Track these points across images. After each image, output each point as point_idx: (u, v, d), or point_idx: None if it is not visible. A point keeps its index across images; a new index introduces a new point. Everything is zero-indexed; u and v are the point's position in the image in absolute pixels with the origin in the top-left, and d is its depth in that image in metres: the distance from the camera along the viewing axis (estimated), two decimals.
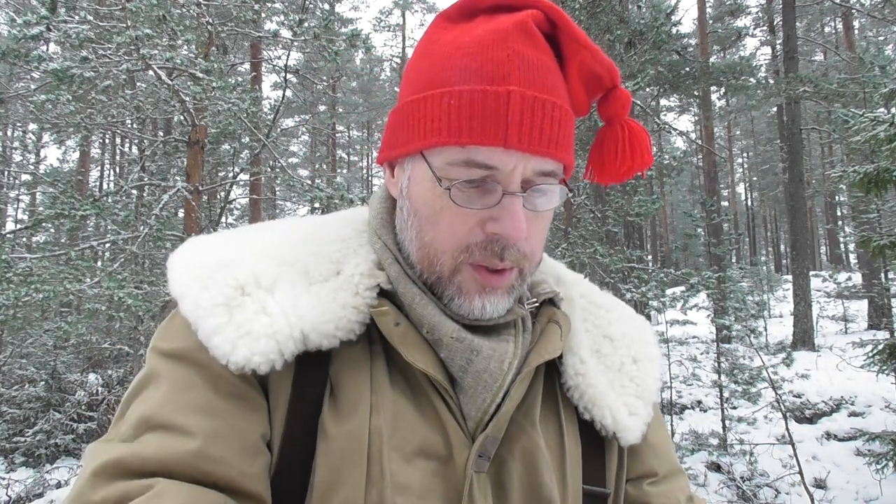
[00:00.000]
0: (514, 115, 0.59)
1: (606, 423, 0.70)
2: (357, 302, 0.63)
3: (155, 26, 5.35)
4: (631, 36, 10.04)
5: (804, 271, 13.11)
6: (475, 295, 0.64)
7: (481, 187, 0.62)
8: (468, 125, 0.60)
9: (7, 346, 9.31)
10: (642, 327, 0.82)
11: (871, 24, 23.25)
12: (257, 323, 0.59)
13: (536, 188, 0.63)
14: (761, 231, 41.23)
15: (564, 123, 0.63)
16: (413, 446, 0.62)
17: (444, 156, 0.62)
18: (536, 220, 0.66)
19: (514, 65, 0.61)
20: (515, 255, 0.63)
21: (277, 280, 0.63)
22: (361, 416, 0.61)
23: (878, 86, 6.47)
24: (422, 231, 0.65)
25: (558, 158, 0.63)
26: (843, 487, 7.31)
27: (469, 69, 0.62)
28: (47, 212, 5.53)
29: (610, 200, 7.84)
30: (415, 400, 0.64)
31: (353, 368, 0.64)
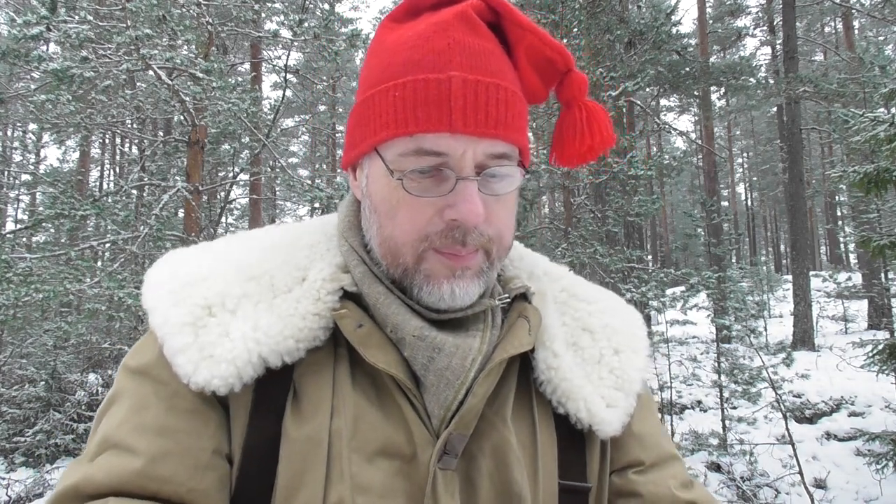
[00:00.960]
0: (457, 99, 0.60)
1: (581, 417, 0.69)
2: (319, 308, 0.64)
3: (155, 26, 5.35)
4: (631, 36, 10.03)
5: (804, 271, 13.11)
6: (443, 280, 0.64)
7: (436, 176, 0.62)
8: (413, 114, 0.61)
9: (7, 346, 9.31)
10: (628, 318, 0.81)
11: (871, 24, 23.25)
12: (220, 347, 0.61)
13: (491, 171, 0.63)
14: (761, 231, 41.23)
15: (512, 105, 0.64)
16: (375, 446, 0.62)
17: (395, 148, 0.63)
18: (498, 204, 0.66)
19: (455, 52, 0.62)
20: (479, 240, 0.64)
21: (242, 300, 0.65)
22: (321, 419, 0.62)
23: (878, 86, 6.47)
24: (382, 227, 0.66)
25: (508, 140, 0.63)
26: (843, 487, 7.31)
27: (412, 61, 0.63)
28: (47, 212, 5.53)
29: (610, 200, 7.84)
30: (378, 400, 0.65)
31: (316, 372, 0.64)
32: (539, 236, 10.62)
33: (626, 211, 7.77)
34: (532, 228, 10.71)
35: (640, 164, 6.93)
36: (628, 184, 7.88)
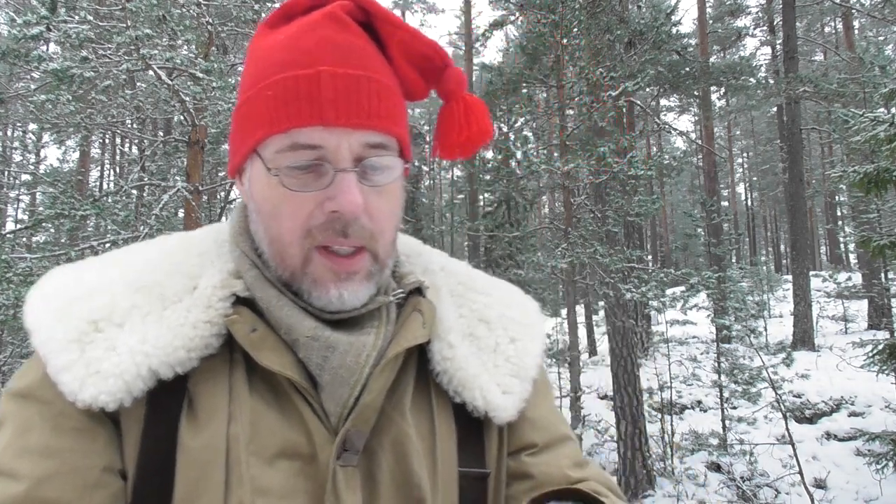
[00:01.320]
0: (327, 92, 0.62)
1: (478, 405, 0.71)
2: (210, 315, 0.64)
3: (155, 26, 5.35)
4: (631, 36, 10.03)
5: (804, 271, 13.12)
6: (330, 284, 0.65)
7: (314, 171, 0.63)
8: (286, 111, 0.62)
9: (7, 346, 9.31)
10: (524, 308, 0.82)
11: (871, 24, 23.25)
12: (107, 362, 0.60)
13: (368, 162, 0.64)
14: (761, 231, 41.22)
15: (385, 97, 0.65)
16: (274, 449, 0.62)
17: (272, 146, 0.64)
18: (380, 198, 0.66)
19: (323, 49, 0.64)
20: (360, 232, 0.64)
21: (130, 312, 0.64)
22: (218, 426, 0.62)
23: (878, 86, 6.47)
24: (268, 228, 0.66)
25: (383, 130, 0.65)
26: (843, 487, 7.31)
27: (282, 61, 0.65)
28: (47, 212, 5.53)
29: (610, 200, 7.84)
30: (276, 403, 0.65)
31: (211, 380, 0.64)
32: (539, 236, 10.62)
33: (626, 211, 7.77)
34: (532, 228, 10.71)
35: (640, 164, 6.93)
36: (628, 184, 7.88)
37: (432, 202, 33.24)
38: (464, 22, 22.93)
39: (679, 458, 8.13)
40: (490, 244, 10.49)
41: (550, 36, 7.51)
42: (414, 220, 24.88)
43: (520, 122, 9.37)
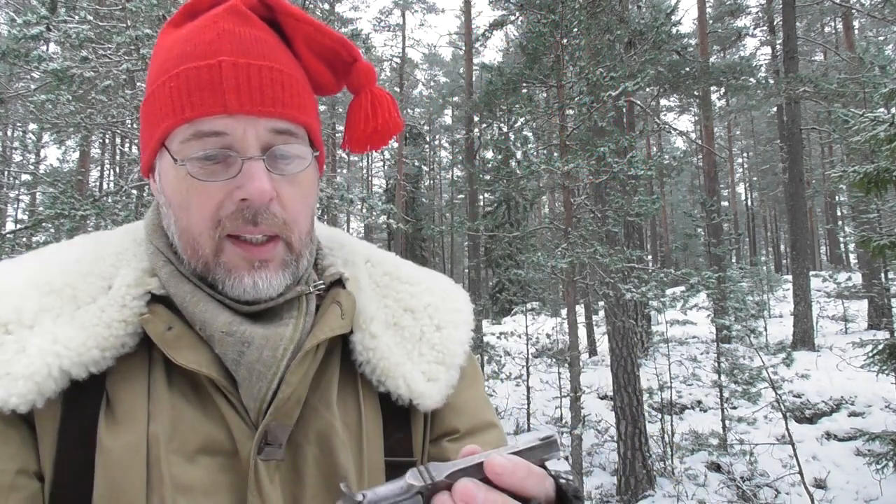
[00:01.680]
0: (229, 80, 0.62)
1: (401, 393, 0.71)
2: (124, 314, 0.63)
3: (155, 26, 5.35)
4: (631, 36, 10.03)
5: (804, 271, 13.12)
6: (244, 273, 0.65)
7: (222, 161, 0.63)
8: (189, 100, 0.63)
9: None
10: (451, 296, 0.83)
11: (871, 24, 23.25)
12: (17, 364, 0.59)
13: (277, 150, 0.65)
14: (761, 231, 41.22)
15: (289, 86, 0.66)
16: (194, 446, 0.62)
17: (178, 137, 0.64)
18: (291, 187, 0.66)
19: (224, 40, 0.64)
20: (271, 220, 0.64)
21: (40, 314, 0.63)
22: (138, 426, 0.61)
23: (878, 86, 6.47)
24: (179, 220, 0.66)
25: (288, 118, 0.65)
26: (843, 487, 7.31)
27: (184, 53, 0.65)
28: (47, 212, 5.53)
29: (610, 200, 7.83)
30: (197, 399, 0.64)
31: (129, 379, 0.64)
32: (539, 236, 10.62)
33: (626, 211, 7.76)
34: (532, 228, 10.71)
35: (640, 164, 6.93)
36: (628, 184, 7.87)
37: (432, 202, 33.23)
38: (464, 22, 22.93)
39: (679, 458, 8.13)
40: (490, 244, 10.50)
41: (550, 36, 7.51)
42: (414, 220, 24.87)
43: (520, 122, 9.37)
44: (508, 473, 0.48)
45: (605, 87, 6.80)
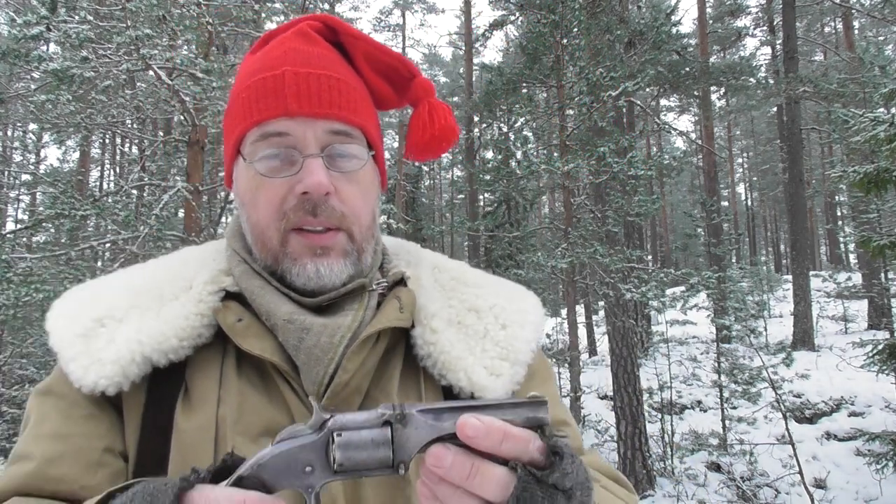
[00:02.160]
0: (290, 87, 0.70)
1: (462, 385, 0.73)
2: (200, 308, 0.71)
3: (155, 26, 5.34)
4: (631, 36, 10.03)
5: (804, 271, 13.11)
6: (307, 260, 0.71)
7: (286, 159, 0.71)
8: (256, 106, 0.71)
9: (7, 346, 9.30)
10: (517, 298, 0.86)
11: (871, 24, 23.24)
12: (106, 351, 0.67)
13: (335, 149, 0.72)
14: (761, 231, 41.21)
15: (346, 92, 0.73)
16: (258, 428, 0.67)
17: (248, 140, 0.73)
18: (350, 184, 0.73)
19: (289, 56, 0.73)
20: (329, 212, 0.71)
21: (130, 310, 0.72)
22: (209, 409, 0.68)
23: (878, 86, 6.47)
24: (250, 217, 0.74)
25: (344, 120, 0.72)
26: (843, 487, 7.31)
27: (254, 69, 0.75)
28: (47, 212, 5.53)
29: (610, 200, 7.83)
30: (263, 386, 0.70)
31: (205, 368, 0.71)
32: (539, 236, 10.61)
33: (626, 211, 7.76)
34: (532, 228, 10.71)
35: (640, 164, 6.93)
36: (628, 184, 7.87)
37: (432, 202, 33.22)
38: (464, 22, 22.92)
39: (679, 458, 8.13)
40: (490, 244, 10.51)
41: (550, 36, 7.51)
42: (414, 220, 24.86)
43: (520, 122, 9.37)
44: (481, 437, 0.48)
45: (605, 87, 6.80)
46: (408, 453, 0.52)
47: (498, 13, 15.16)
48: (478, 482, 0.48)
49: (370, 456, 0.52)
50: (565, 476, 0.49)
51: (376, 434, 0.52)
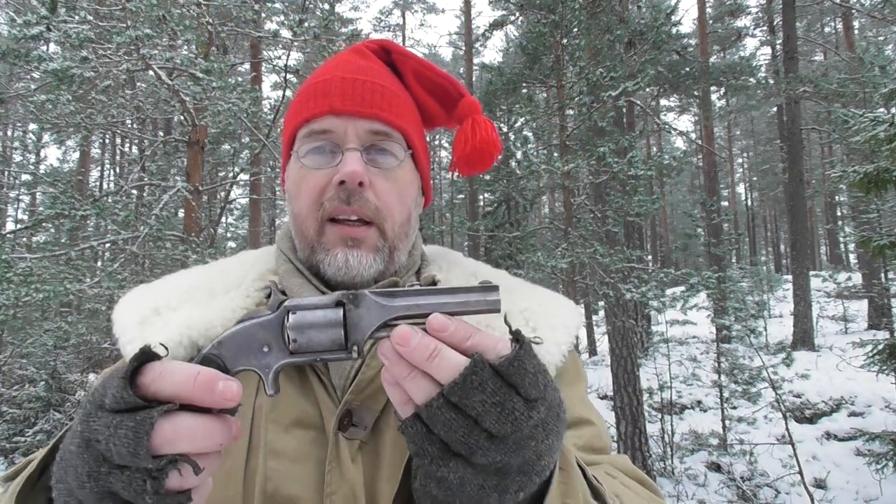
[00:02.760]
0: (337, 88, 0.77)
1: None
2: (246, 303, 0.77)
3: (155, 26, 5.34)
4: (631, 36, 10.03)
5: (804, 271, 13.11)
6: (339, 249, 0.75)
7: (329, 153, 0.77)
8: (306, 106, 0.79)
9: (7, 346, 9.30)
10: (550, 303, 0.87)
11: (871, 24, 23.24)
12: (158, 336, 0.71)
13: (374, 146, 0.77)
14: (761, 231, 41.19)
15: (388, 96, 0.79)
16: (291, 418, 0.71)
17: (298, 139, 0.80)
18: (386, 181, 0.78)
19: (340, 66, 0.81)
20: (363, 203, 0.75)
21: (184, 301, 0.78)
22: (247, 398, 0.71)
23: (878, 86, 6.47)
24: (294, 208, 0.80)
25: (385, 120, 0.77)
26: (843, 487, 7.30)
27: (310, 80, 0.82)
28: (47, 212, 5.52)
29: (610, 200, 7.83)
30: (298, 379, 0.75)
31: None
32: (539, 236, 10.61)
33: (626, 211, 7.76)
34: (532, 228, 10.70)
35: (640, 164, 6.93)
36: (628, 184, 7.87)
37: (432, 202, 33.21)
38: (464, 22, 22.91)
39: (679, 458, 8.12)
40: (490, 244, 10.50)
41: (550, 36, 7.51)
42: None
43: (520, 122, 9.36)
44: (449, 331, 0.49)
45: (605, 87, 6.79)
46: (361, 334, 0.53)
47: (498, 13, 15.15)
48: (436, 363, 0.49)
49: (323, 335, 0.52)
50: (523, 373, 0.49)
51: (329, 314, 0.53)
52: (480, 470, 0.50)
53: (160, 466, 0.46)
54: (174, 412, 0.47)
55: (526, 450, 0.50)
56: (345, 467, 0.68)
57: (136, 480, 0.46)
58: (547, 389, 0.51)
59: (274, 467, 0.68)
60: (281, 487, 0.68)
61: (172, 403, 0.47)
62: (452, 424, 0.48)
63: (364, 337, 0.53)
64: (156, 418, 0.46)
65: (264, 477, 0.68)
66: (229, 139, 8.89)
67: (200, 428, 0.48)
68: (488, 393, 0.48)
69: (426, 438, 0.49)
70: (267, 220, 20.29)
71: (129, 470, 0.46)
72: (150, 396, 0.47)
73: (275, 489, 0.68)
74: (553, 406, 0.52)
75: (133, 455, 0.45)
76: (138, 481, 0.46)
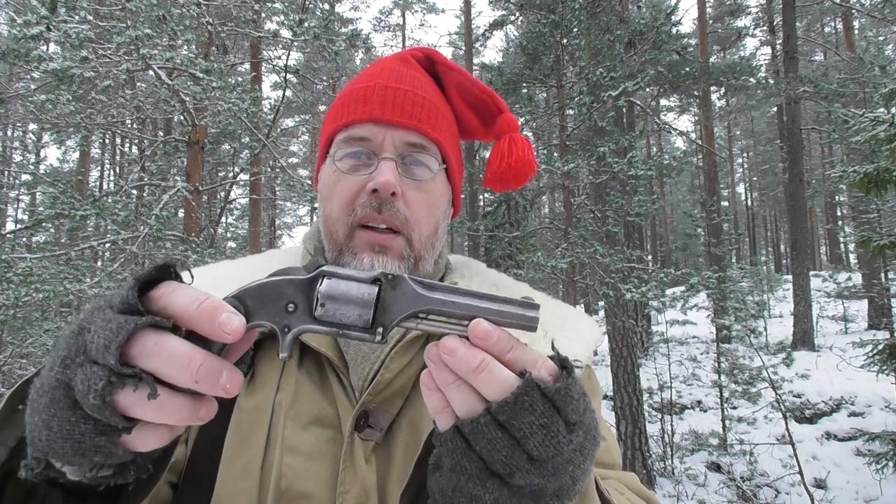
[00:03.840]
0: (378, 96, 0.78)
1: None
2: None
3: (155, 26, 5.34)
4: (631, 36, 10.03)
5: (804, 271, 13.11)
6: (365, 253, 0.76)
7: (365, 160, 0.77)
8: (346, 111, 0.79)
9: (7, 346, 9.30)
10: (569, 318, 0.88)
11: (871, 24, 23.24)
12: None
13: (409, 158, 0.78)
14: (761, 231, 41.19)
15: (427, 108, 0.80)
16: (309, 416, 0.72)
17: (336, 142, 0.80)
18: (418, 192, 0.78)
19: (384, 73, 0.81)
20: (393, 213, 0.76)
21: (211, 290, 0.74)
22: (268, 393, 0.73)
23: (878, 86, 6.47)
24: (324, 210, 0.81)
25: (422, 132, 0.78)
26: (843, 487, 7.30)
27: (352, 84, 0.83)
28: (47, 212, 5.52)
29: (610, 200, 7.83)
30: (318, 378, 0.76)
31: (271, 355, 0.77)
32: (539, 236, 10.62)
33: (626, 211, 7.76)
34: (532, 228, 10.70)
35: (640, 164, 6.93)
36: (628, 184, 7.87)
37: None
38: (464, 22, 22.91)
39: (679, 458, 8.12)
40: (490, 244, 10.50)
41: (550, 36, 7.50)
42: None
43: (520, 122, 9.35)
44: (492, 340, 0.48)
45: (605, 87, 6.79)
46: (390, 317, 0.50)
47: (498, 13, 15.17)
48: (483, 377, 0.47)
49: (351, 309, 0.50)
50: (569, 400, 0.48)
51: (364, 288, 0.50)
52: (516, 492, 0.48)
53: (120, 371, 0.42)
54: (165, 331, 0.45)
55: (564, 474, 0.49)
56: (358, 467, 0.69)
57: (94, 377, 0.42)
58: (586, 413, 0.51)
59: (289, 463, 0.69)
60: (295, 484, 0.69)
61: (168, 320, 0.45)
62: (497, 443, 0.47)
63: (393, 321, 0.51)
64: (143, 323, 0.43)
65: (279, 472, 0.69)
66: (229, 139, 8.89)
67: (181, 354, 0.44)
68: (537, 415, 0.47)
69: (465, 454, 0.48)
70: (267, 220, 20.29)
71: (97, 366, 0.43)
72: (156, 311, 0.46)
73: (289, 485, 0.68)
74: (590, 430, 0.51)
75: (105, 348, 0.43)
76: (95, 378, 0.42)
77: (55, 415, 0.44)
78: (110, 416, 0.43)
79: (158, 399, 0.43)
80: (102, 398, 0.42)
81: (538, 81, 8.40)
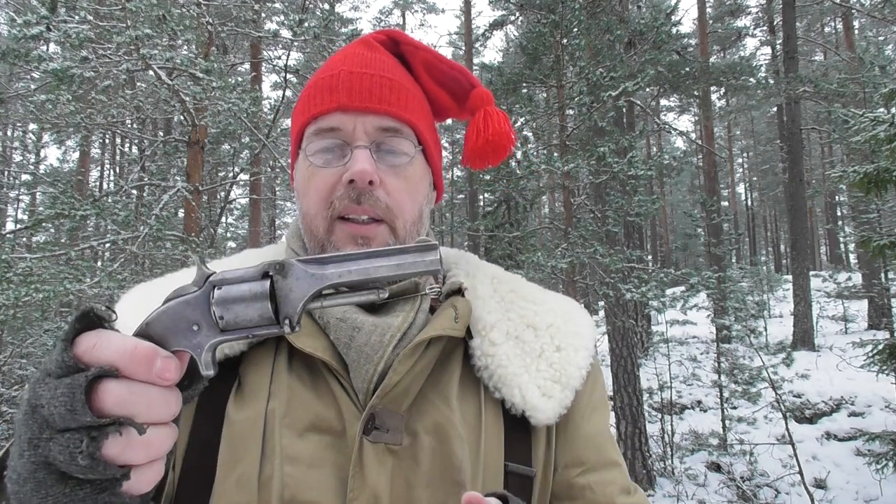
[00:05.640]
0: (344, 83, 0.75)
1: (515, 402, 0.73)
2: None
3: (155, 26, 5.34)
4: (631, 36, 10.02)
5: (804, 271, 13.11)
6: (348, 246, 0.74)
7: (337, 152, 0.75)
8: (313, 102, 0.77)
9: (7, 346, 9.29)
10: (573, 320, 0.85)
11: (871, 24, 23.23)
12: None
13: (383, 144, 0.75)
14: (761, 231, 41.18)
15: (396, 90, 0.77)
16: (305, 423, 0.69)
17: (307, 137, 0.77)
18: (397, 178, 0.76)
19: (347, 59, 0.78)
20: (374, 202, 0.73)
21: None
22: (259, 403, 0.70)
23: (878, 86, 6.47)
24: (303, 206, 0.78)
25: (394, 115, 0.75)
26: (843, 487, 7.30)
27: (317, 74, 0.80)
28: (47, 212, 5.52)
29: (610, 200, 7.83)
30: (312, 382, 0.72)
31: (258, 364, 0.73)
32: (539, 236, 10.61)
33: (626, 211, 7.76)
34: (532, 228, 10.70)
35: (640, 164, 6.93)
36: (628, 184, 7.86)
37: None
38: (464, 22, 22.91)
39: (679, 458, 8.12)
40: (490, 244, 10.50)
41: (550, 36, 7.50)
42: None
43: (520, 122, 9.35)
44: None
45: (605, 87, 6.79)
46: (292, 306, 0.50)
47: (498, 13, 15.17)
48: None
49: (250, 310, 0.49)
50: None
51: (255, 286, 0.49)
52: None
53: (98, 424, 0.42)
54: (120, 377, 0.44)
55: None
56: (367, 472, 0.66)
57: (73, 442, 0.42)
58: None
59: (291, 473, 0.66)
60: (298, 494, 0.66)
61: (113, 367, 0.44)
62: None
63: (296, 309, 0.50)
64: (92, 374, 0.42)
65: (281, 483, 0.66)
66: (229, 139, 8.89)
67: (150, 389, 0.44)
68: None
69: None
70: (267, 220, 20.29)
71: (69, 432, 0.42)
72: (91, 364, 0.44)
73: (292, 496, 0.66)
74: None
75: (71, 412, 0.42)
76: (75, 442, 0.42)
77: (47, 494, 0.43)
78: (105, 470, 0.42)
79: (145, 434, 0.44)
80: (91, 457, 0.42)
81: (538, 81, 8.39)
